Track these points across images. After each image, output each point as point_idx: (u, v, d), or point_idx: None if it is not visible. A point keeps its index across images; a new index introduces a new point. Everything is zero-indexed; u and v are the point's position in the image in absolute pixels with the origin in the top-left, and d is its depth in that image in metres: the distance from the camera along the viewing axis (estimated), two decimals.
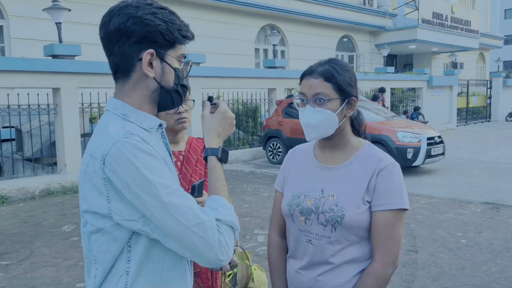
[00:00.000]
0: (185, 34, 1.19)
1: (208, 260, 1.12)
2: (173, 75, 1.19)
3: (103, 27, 1.16)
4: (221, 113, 1.37)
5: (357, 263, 1.51)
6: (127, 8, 1.14)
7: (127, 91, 1.18)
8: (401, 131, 8.75)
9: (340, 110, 1.50)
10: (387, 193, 1.47)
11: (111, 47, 1.16)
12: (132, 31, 1.12)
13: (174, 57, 1.18)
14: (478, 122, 21.68)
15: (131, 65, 1.15)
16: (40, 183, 7.65)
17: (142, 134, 1.13)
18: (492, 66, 29.39)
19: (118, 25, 1.12)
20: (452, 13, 20.99)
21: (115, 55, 1.16)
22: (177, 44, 1.19)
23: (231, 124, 1.39)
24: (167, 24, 1.15)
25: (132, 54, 1.14)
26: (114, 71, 1.19)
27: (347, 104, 1.52)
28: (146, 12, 1.13)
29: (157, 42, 1.14)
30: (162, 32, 1.14)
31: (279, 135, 10.36)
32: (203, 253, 1.10)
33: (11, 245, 5.07)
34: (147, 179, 1.05)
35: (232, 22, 15.30)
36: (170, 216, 1.06)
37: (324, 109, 1.48)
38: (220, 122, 1.36)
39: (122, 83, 1.18)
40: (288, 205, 1.60)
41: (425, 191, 7.38)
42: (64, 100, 7.80)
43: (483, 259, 4.38)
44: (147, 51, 1.13)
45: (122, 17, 1.12)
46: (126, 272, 1.13)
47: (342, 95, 1.50)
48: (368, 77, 14.87)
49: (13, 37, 10.64)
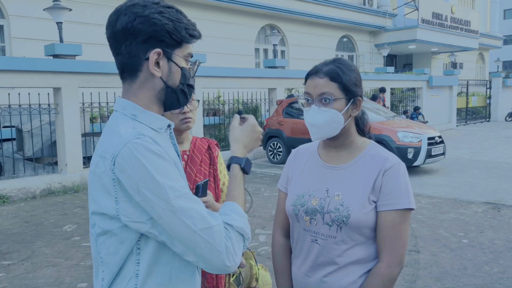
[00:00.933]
0: (192, 33, 1.18)
1: (214, 266, 1.11)
2: (179, 75, 1.18)
3: (110, 26, 1.15)
4: (251, 125, 1.40)
5: (363, 263, 1.50)
6: (134, 7, 1.13)
7: (135, 91, 1.17)
8: (401, 131, 8.75)
9: (346, 110, 1.50)
10: (393, 193, 1.46)
11: (118, 47, 1.15)
12: (139, 30, 1.11)
13: (181, 57, 1.18)
14: (477, 122, 21.69)
15: (138, 65, 1.14)
16: (41, 182, 7.64)
17: (152, 135, 1.12)
18: (491, 66, 29.42)
19: (125, 24, 1.12)
20: (451, 13, 21.01)
21: (122, 55, 1.15)
22: (184, 43, 1.18)
23: (258, 138, 1.41)
24: (174, 23, 1.14)
25: (139, 53, 1.13)
26: (121, 70, 1.18)
27: (352, 104, 1.52)
28: (153, 11, 1.12)
29: (164, 41, 1.13)
30: (169, 31, 1.13)
31: (280, 135, 10.36)
32: (209, 258, 1.09)
33: (12, 245, 5.06)
34: (156, 181, 1.05)
35: (233, 22, 15.29)
36: (178, 220, 1.06)
37: (329, 109, 1.48)
38: (248, 135, 1.38)
39: (130, 83, 1.18)
40: (293, 205, 1.59)
41: (426, 191, 7.39)
42: (65, 100, 7.79)
43: (485, 259, 4.38)
44: (154, 51, 1.12)
45: (129, 16, 1.12)
46: (136, 274, 1.12)
47: (348, 95, 1.50)
48: (368, 77, 14.87)
49: (13, 36, 10.63)
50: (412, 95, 17.74)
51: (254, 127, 1.39)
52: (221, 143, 11.32)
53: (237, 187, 1.28)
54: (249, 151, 1.38)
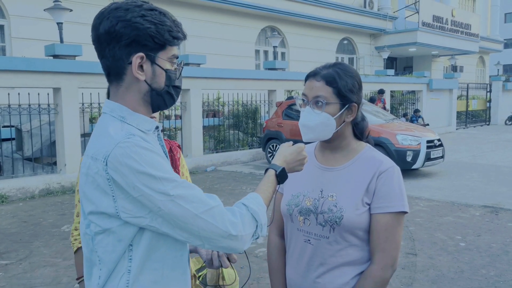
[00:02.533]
0: (176, 35, 1.19)
1: (221, 245, 1.14)
2: (164, 77, 1.19)
3: (94, 29, 1.16)
4: (297, 147, 1.44)
5: (355, 265, 1.51)
6: (116, 11, 1.13)
7: (122, 94, 1.18)
8: (400, 133, 8.76)
9: (339, 115, 1.51)
10: (387, 196, 1.48)
11: (102, 50, 1.16)
12: (122, 34, 1.12)
13: (165, 59, 1.18)
14: (477, 125, 21.69)
15: (123, 68, 1.16)
16: (40, 182, 7.65)
17: (141, 136, 1.14)
18: (491, 70, 29.46)
19: (108, 29, 1.13)
20: (452, 16, 21.04)
21: (106, 58, 1.16)
22: (168, 46, 1.18)
23: (301, 161, 1.44)
24: (156, 27, 1.14)
25: (122, 57, 1.14)
26: (107, 73, 1.20)
27: (347, 109, 1.53)
28: (135, 14, 1.13)
29: (147, 45, 1.14)
30: (152, 35, 1.13)
31: (279, 137, 10.36)
32: (214, 238, 1.12)
33: (11, 245, 5.07)
34: (151, 175, 1.07)
35: (233, 24, 15.32)
36: (178, 207, 1.08)
37: (322, 112, 1.50)
38: (291, 153, 1.43)
39: (116, 86, 1.19)
40: (287, 205, 1.61)
41: (424, 194, 7.39)
42: (65, 100, 7.81)
43: (482, 263, 4.38)
44: (136, 55, 1.13)
45: (111, 20, 1.12)
46: (128, 271, 1.14)
47: (342, 100, 1.51)
48: (368, 79, 14.89)
49: (14, 36, 10.65)
50: (412, 98, 17.75)
51: (300, 149, 1.44)
52: (220, 145, 11.34)
53: (266, 186, 1.32)
54: (290, 169, 1.41)
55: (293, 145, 1.47)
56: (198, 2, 13.89)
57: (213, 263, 1.61)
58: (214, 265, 1.61)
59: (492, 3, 29.26)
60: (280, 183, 1.37)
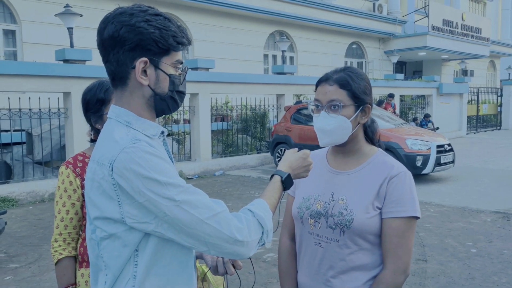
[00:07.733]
0: (180, 40, 1.18)
1: (226, 251, 1.13)
2: (167, 82, 1.19)
3: (99, 34, 1.17)
4: (302, 153, 1.45)
5: (366, 270, 1.51)
6: (121, 16, 1.14)
7: (127, 99, 1.19)
8: (410, 138, 8.70)
9: (354, 117, 1.52)
10: (399, 201, 1.47)
11: (106, 54, 1.17)
12: (126, 39, 1.12)
13: (169, 64, 1.18)
14: (488, 130, 21.48)
15: (126, 73, 1.16)
16: (50, 186, 7.70)
17: (146, 141, 1.14)
18: (502, 74, 29.13)
19: (112, 33, 1.13)
20: (462, 20, 20.89)
21: (111, 63, 1.17)
22: (172, 51, 1.18)
23: (306, 167, 1.45)
24: (161, 32, 1.14)
25: (126, 62, 1.14)
26: (112, 78, 1.20)
27: (361, 111, 1.54)
28: (140, 19, 1.13)
29: (151, 50, 1.14)
30: (156, 40, 1.13)
31: (287, 141, 10.34)
32: (219, 244, 1.11)
33: (21, 248, 5.10)
34: (157, 180, 1.06)
35: (242, 28, 15.36)
36: (184, 213, 1.08)
37: (338, 115, 1.50)
38: (297, 159, 1.43)
39: (121, 91, 1.19)
40: (298, 208, 1.62)
41: (435, 199, 7.32)
42: (75, 104, 7.87)
43: (494, 269, 4.32)
44: (140, 60, 1.14)
45: (115, 25, 1.13)
46: (134, 276, 1.14)
47: (357, 102, 1.52)
48: (377, 83, 14.83)
49: (25, 41, 10.77)
50: (422, 102, 17.64)
51: (305, 156, 1.44)
52: (229, 149, 11.34)
53: (271, 192, 1.32)
54: (295, 176, 1.42)
55: (299, 151, 1.47)
56: (207, 7, 13.96)
57: (218, 269, 1.59)
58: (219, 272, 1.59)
59: (503, 6, 29.06)
60: (286, 189, 1.37)
